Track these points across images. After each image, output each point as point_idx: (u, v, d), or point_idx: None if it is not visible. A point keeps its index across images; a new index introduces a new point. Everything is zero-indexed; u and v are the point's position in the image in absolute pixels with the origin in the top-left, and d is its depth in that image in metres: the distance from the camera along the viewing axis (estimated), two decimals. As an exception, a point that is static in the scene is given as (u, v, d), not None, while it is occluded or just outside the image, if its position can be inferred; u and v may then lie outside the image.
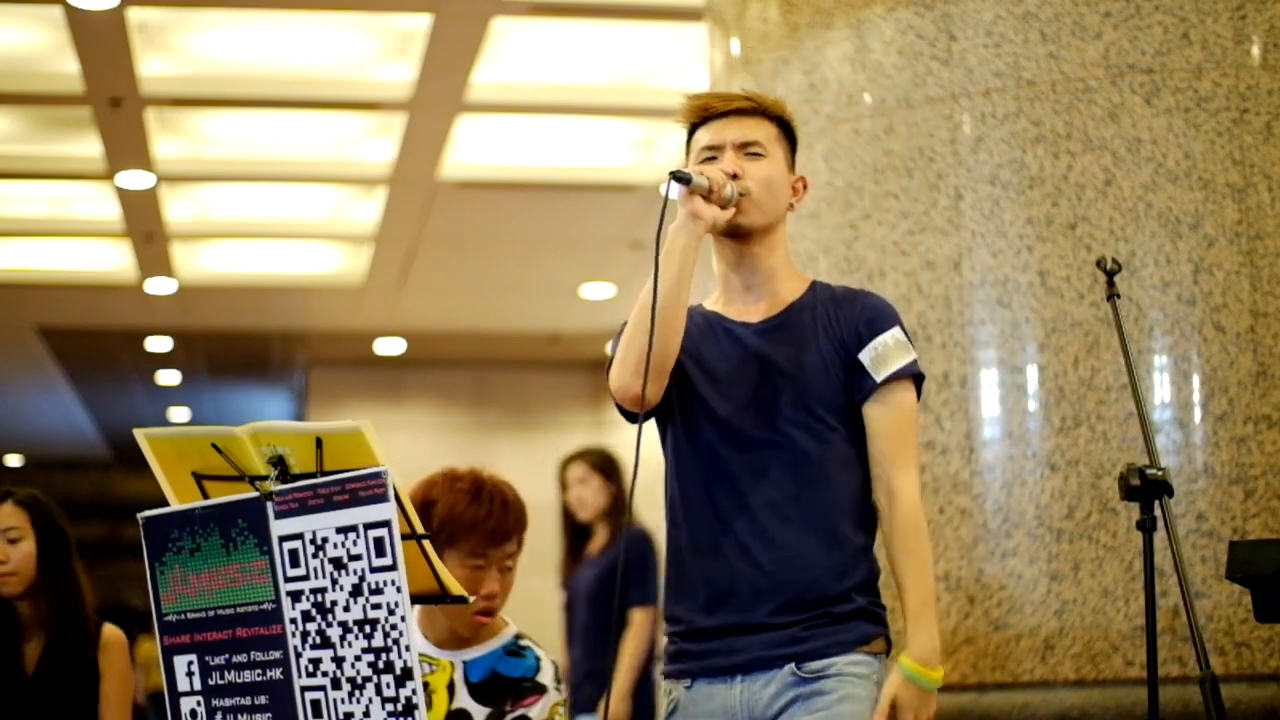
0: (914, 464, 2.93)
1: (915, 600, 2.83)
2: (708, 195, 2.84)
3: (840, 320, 2.94)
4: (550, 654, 3.36)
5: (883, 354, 2.91)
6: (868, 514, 2.94)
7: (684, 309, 2.85)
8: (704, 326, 2.99)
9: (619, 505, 6.16)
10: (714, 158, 2.96)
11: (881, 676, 2.85)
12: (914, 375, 2.94)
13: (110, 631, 4.10)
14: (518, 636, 3.34)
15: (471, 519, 3.22)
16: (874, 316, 2.95)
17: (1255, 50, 4.24)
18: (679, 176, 2.83)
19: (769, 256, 2.98)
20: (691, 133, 3.03)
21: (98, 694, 4.03)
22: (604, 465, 6.15)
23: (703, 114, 3.00)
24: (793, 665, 2.81)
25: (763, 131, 2.97)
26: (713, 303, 3.05)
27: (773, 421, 2.88)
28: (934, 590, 2.87)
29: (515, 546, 3.31)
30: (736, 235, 2.96)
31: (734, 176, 2.90)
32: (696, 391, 2.93)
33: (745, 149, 2.95)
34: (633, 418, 2.90)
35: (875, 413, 2.91)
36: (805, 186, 3.05)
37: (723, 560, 2.87)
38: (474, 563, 3.23)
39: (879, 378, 2.90)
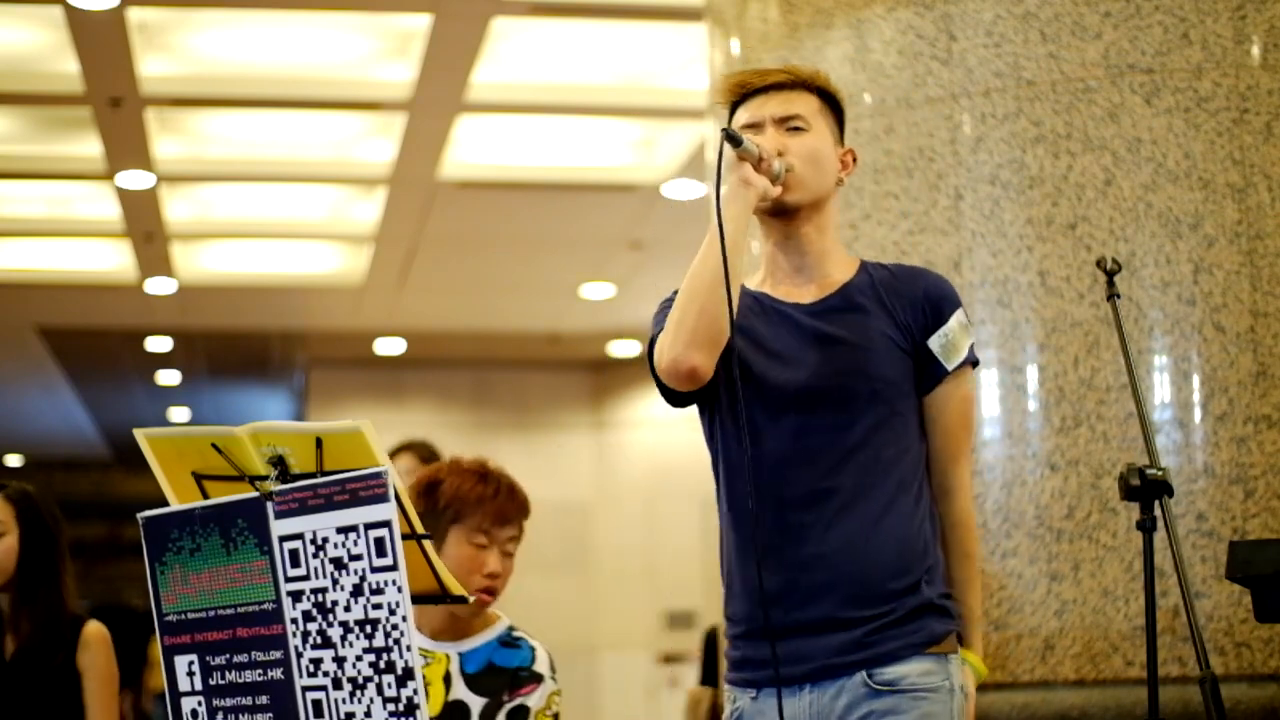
0: (969, 458, 2.85)
1: (975, 603, 2.79)
2: (757, 165, 2.71)
3: (902, 300, 2.80)
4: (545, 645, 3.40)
5: (952, 340, 2.78)
6: (927, 502, 2.79)
7: (738, 277, 2.69)
8: (753, 305, 2.82)
9: None
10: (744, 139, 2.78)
11: (952, 681, 2.71)
12: (975, 362, 2.85)
13: (92, 629, 4.06)
14: (511, 628, 3.39)
15: (478, 496, 3.30)
16: (939, 297, 2.81)
17: (1255, 50, 4.24)
18: (731, 136, 2.67)
19: (819, 237, 2.84)
20: (732, 113, 2.88)
21: (77, 692, 4.01)
22: (432, 459, 5.82)
23: (740, 91, 2.86)
24: (864, 674, 2.66)
25: (804, 105, 2.83)
26: (758, 283, 2.88)
27: (839, 404, 2.73)
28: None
29: (517, 531, 3.37)
30: (783, 214, 2.81)
31: (777, 155, 2.76)
32: (752, 372, 2.76)
33: (786, 124, 2.81)
34: (677, 399, 2.77)
35: (941, 403, 2.80)
36: (855, 159, 2.90)
37: (782, 553, 2.71)
38: (478, 540, 3.30)
39: (950, 366, 2.79)
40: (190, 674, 2.58)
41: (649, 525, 14.45)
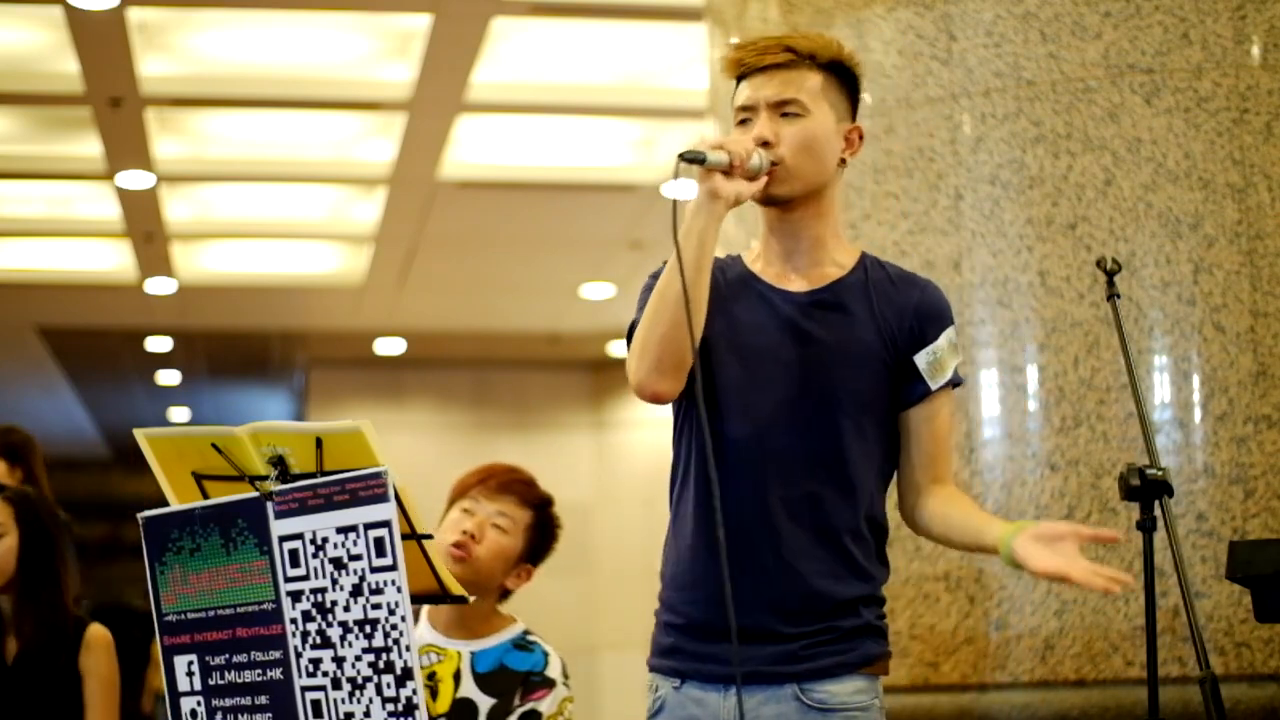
0: (951, 476, 2.73)
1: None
2: (729, 170, 2.56)
3: (892, 308, 2.67)
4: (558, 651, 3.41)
5: (939, 359, 2.66)
6: (883, 523, 2.71)
7: (704, 298, 2.56)
8: (736, 285, 2.71)
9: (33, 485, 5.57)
10: (748, 119, 2.68)
11: (881, 700, 2.67)
12: (958, 383, 2.73)
13: (94, 632, 4.06)
14: (525, 632, 3.40)
15: (476, 474, 3.44)
16: (932, 313, 2.68)
17: (1255, 50, 4.24)
18: (690, 157, 2.52)
19: (815, 224, 2.70)
20: (738, 85, 2.74)
21: (78, 694, 4.02)
22: (10, 448, 5.52)
23: (738, 69, 2.71)
24: (796, 688, 2.61)
25: (803, 85, 2.66)
26: (752, 259, 2.76)
27: (804, 410, 2.62)
28: None
29: (512, 509, 3.38)
30: (775, 203, 2.68)
31: (765, 144, 2.63)
32: (720, 363, 2.66)
33: (781, 109, 2.66)
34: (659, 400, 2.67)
35: (921, 423, 2.68)
36: (861, 137, 2.74)
37: (730, 559, 2.54)
38: (464, 505, 3.40)
39: (934, 385, 2.67)
40: (190, 674, 2.58)
41: (649, 525, 14.43)
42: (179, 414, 17.76)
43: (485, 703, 3.32)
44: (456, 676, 3.35)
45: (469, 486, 3.43)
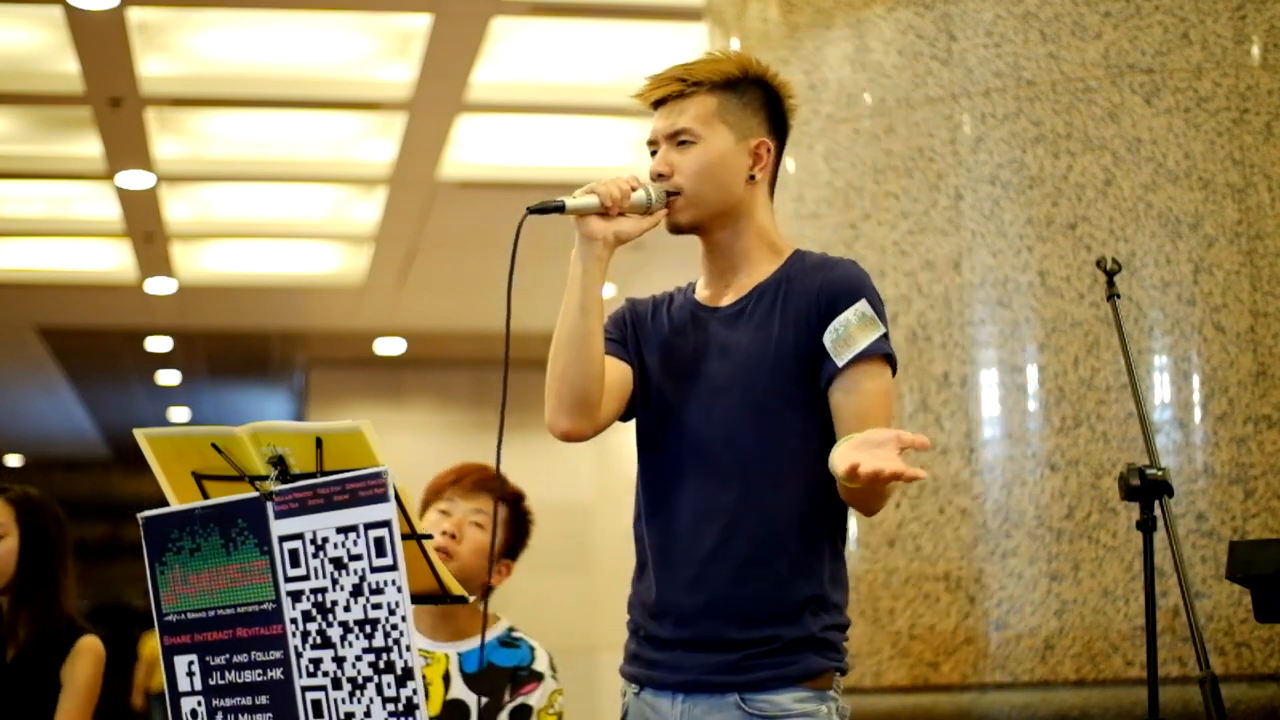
0: None
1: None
2: (606, 212, 2.61)
3: (799, 297, 2.64)
4: (544, 645, 3.42)
5: (844, 335, 2.59)
6: (834, 523, 2.66)
7: (597, 340, 2.63)
8: (679, 313, 2.76)
9: None
10: (655, 152, 2.72)
11: (829, 711, 2.61)
12: (884, 355, 2.61)
13: (85, 642, 4.00)
14: (510, 629, 3.41)
15: (448, 475, 3.50)
16: (838, 289, 2.62)
17: (1255, 50, 4.24)
18: (541, 208, 2.60)
19: (738, 241, 2.71)
20: None
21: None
22: None
23: (645, 103, 2.75)
24: (738, 697, 2.59)
25: (693, 112, 2.68)
26: (700, 287, 2.79)
27: (721, 418, 2.63)
28: None
29: (488, 506, 3.43)
30: (685, 231, 2.71)
31: (660, 176, 2.66)
32: (654, 385, 2.71)
33: (676, 139, 2.68)
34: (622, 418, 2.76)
35: (838, 400, 2.59)
36: (770, 150, 2.72)
37: (670, 570, 2.65)
38: (440, 506, 3.44)
39: (840, 362, 2.58)
40: (190, 674, 2.58)
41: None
42: (179, 414, 17.77)
43: (476, 702, 3.33)
44: (446, 678, 3.36)
45: (443, 487, 3.47)
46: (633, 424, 2.78)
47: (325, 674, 2.43)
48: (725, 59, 2.74)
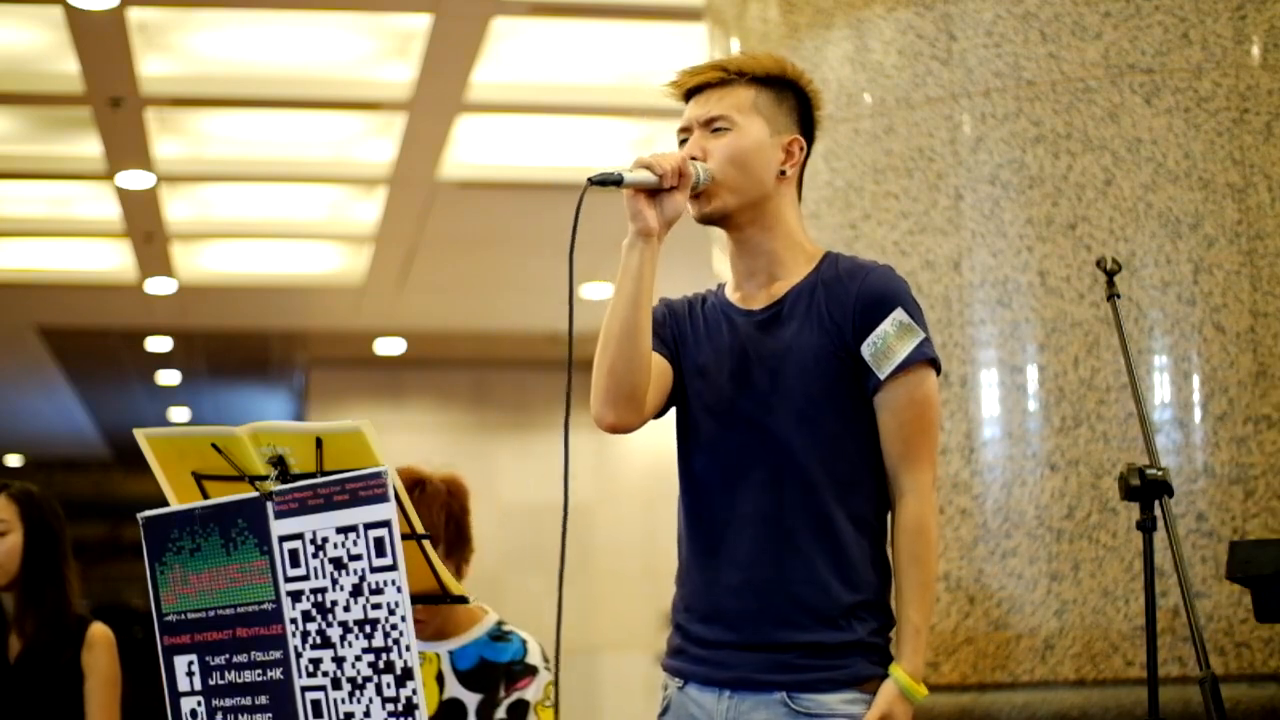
0: (928, 462, 2.65)
1: (917, 614, 2.60)
2: (659, 189, 2.60)
3: (835, 303, 2.65)
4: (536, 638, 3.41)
5: (882, 348, 2.62)
6: (878, 528, 2.69)
7: (646, 333, 2.63)
8: (712, 313, 2.76)
9: None
10: (687, 139, 2.72)
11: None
12: (928, 360, 2.64)
13: (96, 630, 4.08)
14: (500, 623, 3.40)
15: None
16: (873, 299, 2.64)
17: (1255, 50, 4.24)
18: (602, 180, 2.57)
19: (766, 240, 2.72)
20: None
21: (80, 692, 4.03)
22: None
23: (679, 91, 2.75)
24: (785, 695, 2.61)
25: (731, 101, 2.69)
26: (730, 289, 2.80)
27: (764, 423, 2.65)
28: (934, 603, 2.70)
29: (428, 512, 3.32)
30: (720, 223, 2.72)
31: (693, 159, 2.65)
32: (691, 389, 2.73)
33: (710, 125, 2.69)
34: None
35: (883, 411, 2.63)
36: (802, 148, 2.75)
37: (716, 573, 2.67)
38: None
39: (882, 375, 2.62)
40: (190, 674, 2.58)
41: (648, 526, 14.44)
42: (179, 414, 17.76)
43: (472, 700, 3.33)
44: (439, 679, 3.35)
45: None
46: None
47: (325, 674, 2.43)
48: (765, 57, 2.78)
